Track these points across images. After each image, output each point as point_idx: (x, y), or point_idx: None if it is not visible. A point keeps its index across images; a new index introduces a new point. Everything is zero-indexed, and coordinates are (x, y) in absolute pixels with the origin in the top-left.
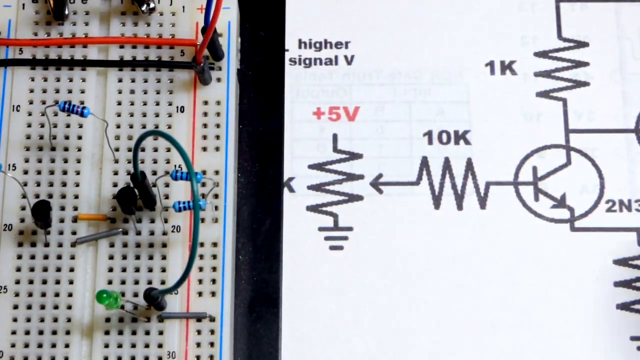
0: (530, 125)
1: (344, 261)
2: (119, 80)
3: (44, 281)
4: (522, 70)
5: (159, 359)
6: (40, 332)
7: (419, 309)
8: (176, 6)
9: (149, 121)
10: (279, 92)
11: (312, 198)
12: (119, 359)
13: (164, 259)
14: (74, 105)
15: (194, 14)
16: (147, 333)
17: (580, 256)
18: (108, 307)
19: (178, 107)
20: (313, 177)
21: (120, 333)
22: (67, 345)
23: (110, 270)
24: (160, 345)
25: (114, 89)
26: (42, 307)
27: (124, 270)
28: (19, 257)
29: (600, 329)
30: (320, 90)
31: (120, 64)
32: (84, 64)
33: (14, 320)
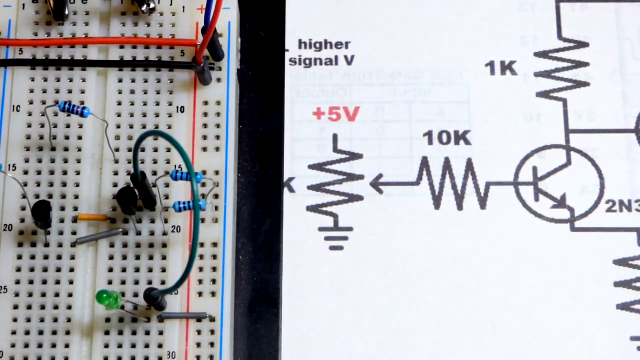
0: (530, 125)
1: (344, 261)
2: (119, 80)
3: (44, 281)
4: (522, 70)
5: (159, 359)
6: (40, 332)
7: (419, 309)
8: (176, 6)
9: (149, 121)
10: (279, 92)
11: (312, 198)
12: (119, 359)
13: (164, 259)
14: (74, 105)
15: (194, 14)
16: (147, 333)
17: (580, 256)
18: (108, 307)
19: (178, 107)
20: (313, 177)
21: (120, 333)
22: (67, 345)
23: (110, 270)
24: (160, 345)
25: (114, 89)
26: (42, 307)
27: (124, 270)
28: (19, 257)
29: (600, 329)
30: (320, 90)
31: (120, 64)
32: (84, 64)
33: (14, 320)
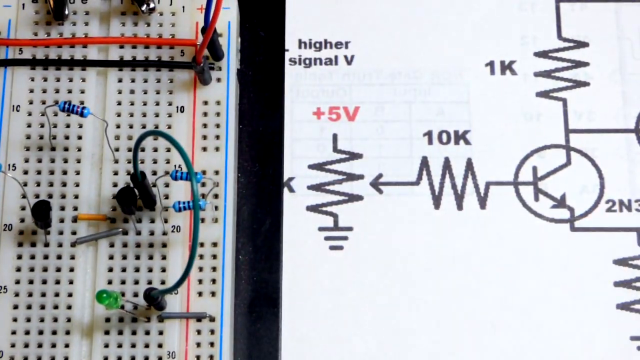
0: (530, 125)
1: (344, 261)
2: (119, 80)
3: (44, 281)
4: (522, 70)
5: (159, 359)
6: (40, 332)
7: (419, 309)
8: (176, 6)
9: (149, 121)
10: (279, 92)
11: (312, 198)
12: (119, 359)
13: (164, 259)
14: (74, 105)
15: (194, 14)
16: (147, 333)
17: (580, 256)
18: (108, 307)
19: (178, 107)
20: (313, 177)
21: (120, 333)
22: (67, 345)
23: (110, 270)
24: (160, 345)
25: (114, 89)
26: (42, 307)
27: (124, 270)
28: (19, 257)
29: (600, 329)
30: (320, 90)
31: (120, 64)
32: (84, 64)
33: (14, 320)
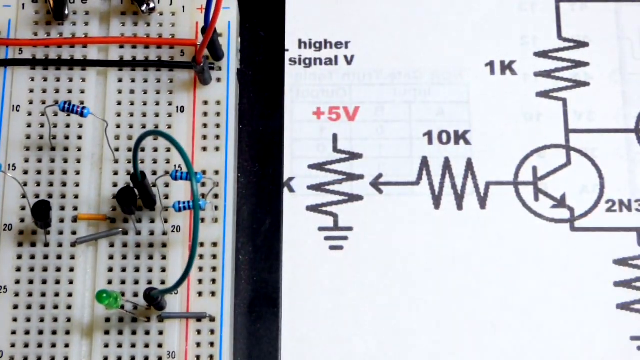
0: (530, 125)
1: (344, 261)
2: (119, 80)
3: (44, 281)
4: (522, 70)
5: (159, 359)
6: (40, 332)
7: (419, 309)
8: (176, 6)
9: (149, 121)
10: (279, 92)
11: (312, 198)
12: (119, 359)
13: (164, 259)
14: (74, 105)
15: (194, 14)
16: (147, 333)
17: (580, 256)
18: (108, 307)
19: (178, 107)
20: (313, 177)
21: (120, 333)
22: (67, 345)
23: (110, 270)
24: (160, 345)
25: (114, 89)
26: (42, 307)
27: (124, 270)
28: (19, 257)
29: (600, 329)
30: (320, 90)
31: (120, 64)
32: (84, 64)
33: (14, 320)
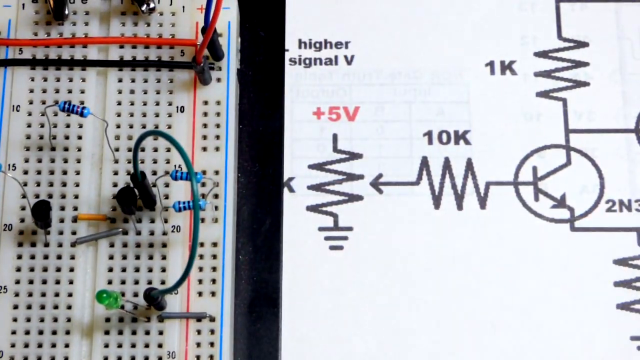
0: (530, 125)
1: (344, 261)
2: (119, 80)
3: (44, 281)
4: (522, 70)
5: (159, 359)
6: (40, 332)
7: (419, 309)
8: (176, 6)
9: (149, 121)
10: (279, 92)
11: (312, 198)
12: (119, 359)
13: (164, 259)
14: (74, 105)
15: (194, 14)
16: (147, 333)
17: (580, 256)
18: (108, 307)
19: (178, 107)
20: (313, 177)
21: (120, 333)
22: (67, 345)
23: (110, 270)
24: (160, 345)
25: (114, 89)
26: (42, 307)
27: (124, 270)
28: (19, 257)
29: (600, 329)
30: (320, 90)
31: (120, 64)
32: (84, 64)
33: (14, 320)
